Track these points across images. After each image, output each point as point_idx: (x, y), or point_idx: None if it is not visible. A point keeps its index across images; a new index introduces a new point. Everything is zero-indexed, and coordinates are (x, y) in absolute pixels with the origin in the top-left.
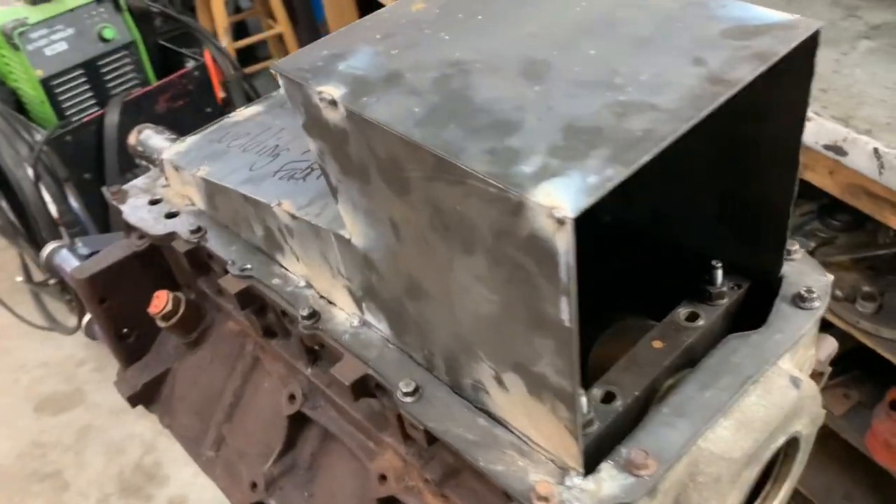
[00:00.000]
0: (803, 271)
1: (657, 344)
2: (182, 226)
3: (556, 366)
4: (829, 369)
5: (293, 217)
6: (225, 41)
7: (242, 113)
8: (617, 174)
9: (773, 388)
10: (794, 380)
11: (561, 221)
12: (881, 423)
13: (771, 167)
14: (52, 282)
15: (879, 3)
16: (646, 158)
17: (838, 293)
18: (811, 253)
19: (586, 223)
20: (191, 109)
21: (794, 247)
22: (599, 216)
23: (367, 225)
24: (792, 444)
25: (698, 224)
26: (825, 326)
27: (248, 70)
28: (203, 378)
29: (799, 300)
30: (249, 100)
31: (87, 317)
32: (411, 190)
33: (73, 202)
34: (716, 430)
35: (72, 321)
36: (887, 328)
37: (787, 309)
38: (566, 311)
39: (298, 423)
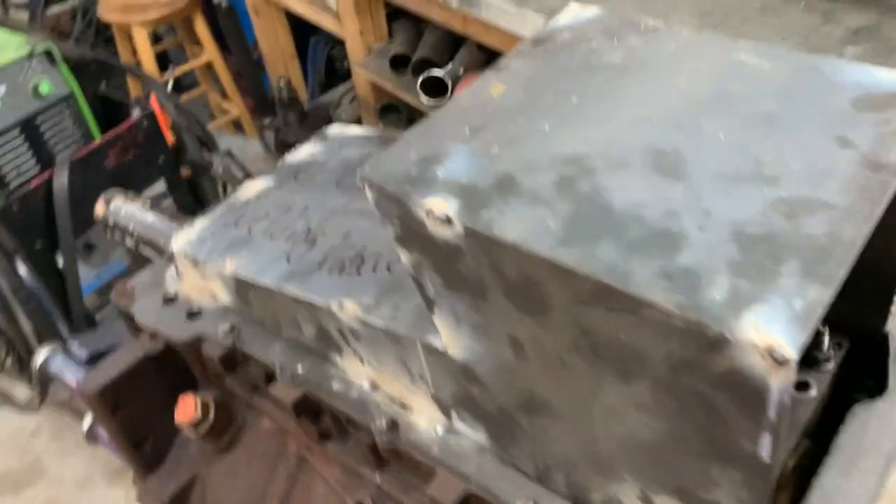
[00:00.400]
0: None
1: None
2: (210, 327)
3: (740, 496)
4: None
5: (361, 321)
6: (157, 77)
7: (249, 189)
8: (822, 295)
9: None
10: None
11: (780, 361)
12: None
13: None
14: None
15: (852, 5)
16: (844, 272)
17: None
18: None
19: None
20: (142, 162)
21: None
22: None
23: (474, 339)
24: None
25: None
26: None
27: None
28: (239, 483)
29: None
30: (200, 142)
31: (88, 420)
32: (551, 312)
33: (25, 274)
34: None
35: (24, 392)
36: None
37: None
38: (768, 447)
39: None
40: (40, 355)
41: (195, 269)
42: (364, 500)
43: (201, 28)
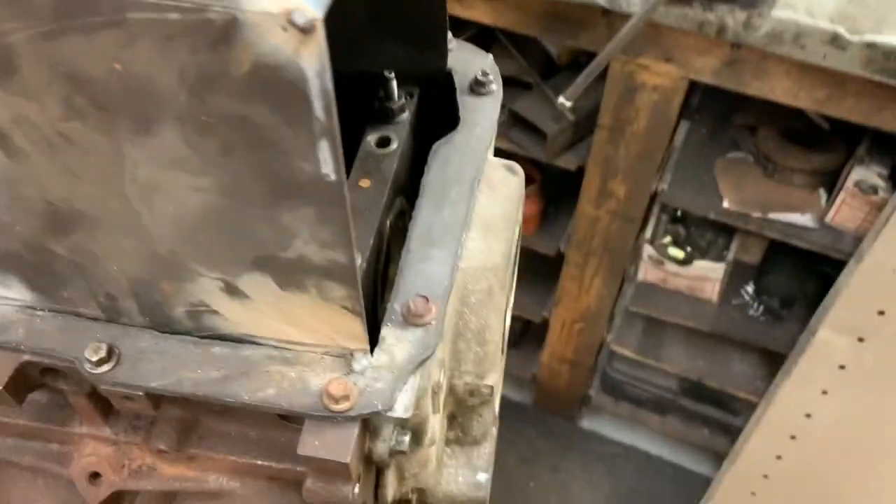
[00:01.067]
0: (465, 58)
1: (364, 183)
2: None
3: (322, 238)
4: None
5: None
6: None
7: None
8: None
9: (495, 182)
10: (509, 166)
11: (305, 29)
12: None
13: None
14: None
15: None
16: None
17: None
18: None
19: None
20: None
21: (447, 35)
22: None
23: None
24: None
25: (355, 35)
26: None
27: None
28: None
29: (477, 87)
30: None
31: None
32: (18, 66)
33: None
34: (468, 246)
35: None
36: None
37: (471, 100)
38: (330, 160)
39: None
40: None
41: None
42: None
43: None
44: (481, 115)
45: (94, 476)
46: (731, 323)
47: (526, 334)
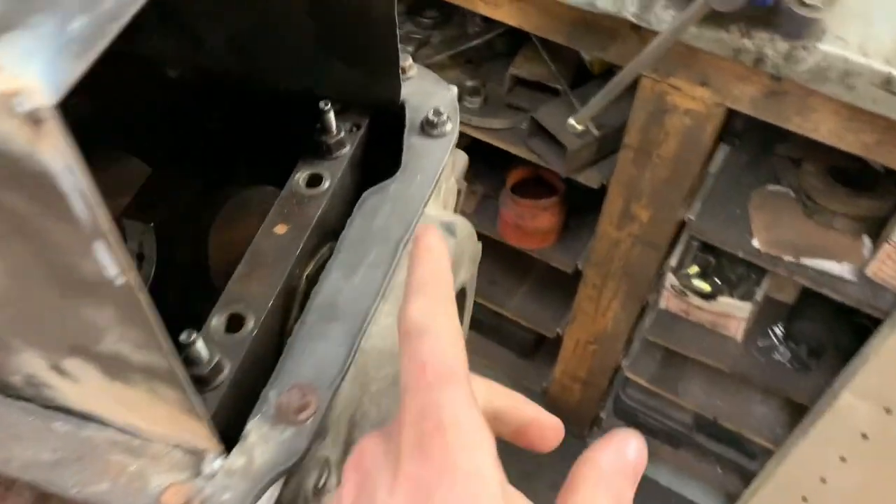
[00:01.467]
0: (425, 89)
1: (281, 228)
2: None
3: (132, 339)
4: (465, 184)
5: None
6: None
7: None
8: (120, 7)
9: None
10: (447, 225)
11: (36, 119)
12: (507, 209)
13: None
14: None
15: None
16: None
17: None
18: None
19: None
20: None
21: (408, 61)
22: (159, 68)
23: None
24: (459, 296)
25: (299, 54)
26: None
27: None
28: None
29: (429, 127)
30: None
31: None
32: None
33: None
34: (378, 322)
35: None
36: (495, 118)
37: (419, 141)
38: (111, 263)
39: None
40: None
41: None
42: None
43: None
44: (426, 161)
45: None
46: (755, 366)
47: (540, 347)
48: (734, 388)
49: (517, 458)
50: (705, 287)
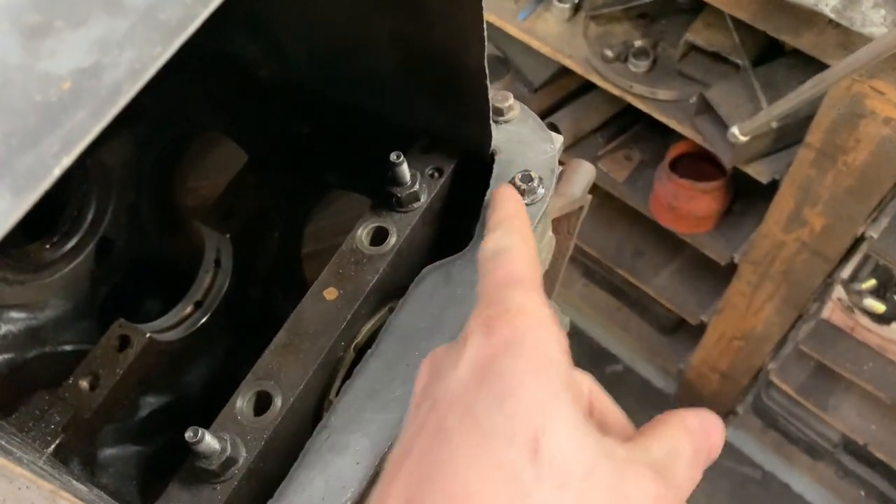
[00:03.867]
0: (523, 138)
1: (331, 293)
2: None
3: None
4: (590, 197)
5: None
6: None
7: None
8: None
9: None
10: None
11: None
12: (662, 186)
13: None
14: None
15: None
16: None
17: (608, 53)
18: (577, 6)
19: None
20: None
21: (508, 101)
22: (251, 68)
23: None
24: None
25: (381, 81)
26: (591, 89)
27: None
28: None
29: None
30: None
31: None
32: None
33: None
34: None
35: None
36: (663, 88)
37: None
38: None
39: None
40: None
41: None
42: None
43: None
44: None
45: None
46: None
47: (681, 327)
48: (893, 416)
49: None
50: (878, 307)
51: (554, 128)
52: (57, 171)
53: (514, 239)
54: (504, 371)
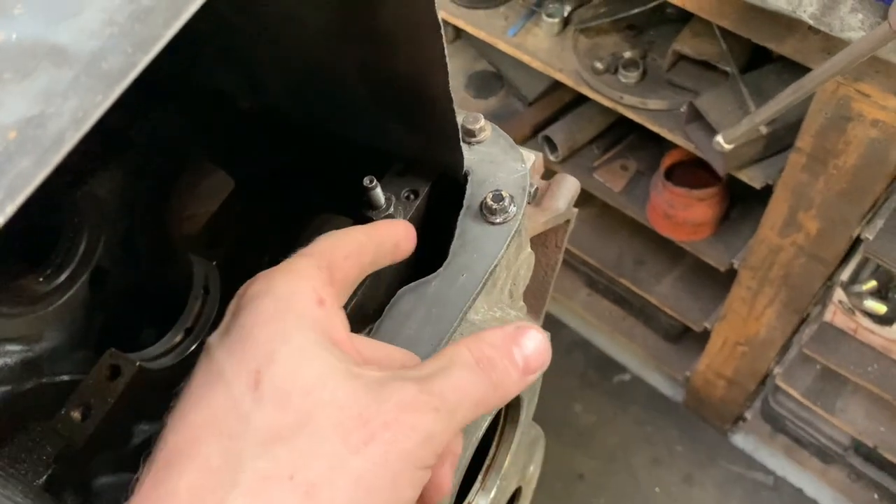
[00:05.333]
0: (494, 158)
1: None
2: None
3: None
4: (576, 211)
5: None
6: None
7: None
8: None
9: None
10: None
11: None
12: (658, 195)
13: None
14: None
15: None
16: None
17: (598, 66)
18: (566, 20)
19: None
20: None
21: (479, 123)
22: (230, 99)
23: None
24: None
25: (355, 111)
26: (585, 101)
27: None
28: None
29: (487, 213)
30: None
31: None
32: None
33: None
34: None
35: None
36: (653, 98)
37: (475, 227)
38: None
39: None
40: None
41: None
42: None
43: None
44: (477, 255)
45: None
46: None
47: (686, 334)
48: None
49: (649, 444)
50: (879, 308)
51: (549, 141)
52: (1, 220)
53: (337, 233)
54: (242, 320)
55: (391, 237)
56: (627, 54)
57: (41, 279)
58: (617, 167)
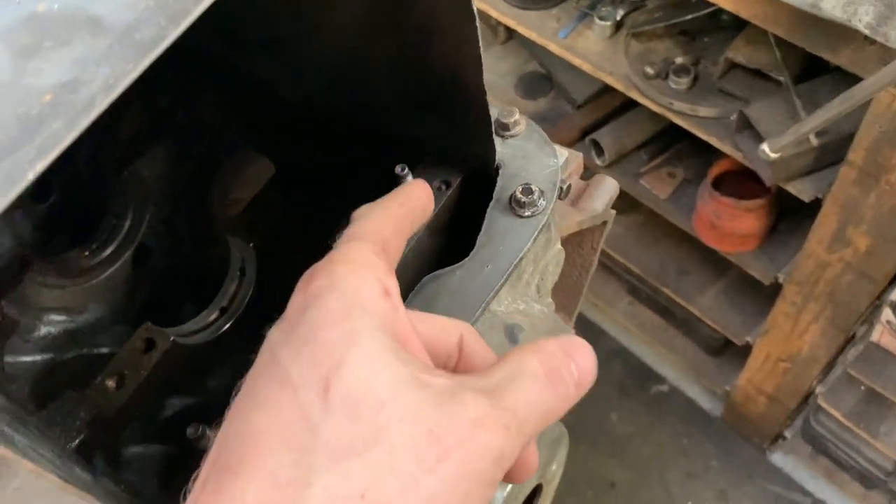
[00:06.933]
0: (527, 153)
1: None
2: None
3: None
4: (614, 213)
5: None
6: None
7: None
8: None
9: None
10: (510, 328)
11: None
12: (705, 204)
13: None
14: None
15: None
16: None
17: (649, 70)
18: (619, 23)
19: None
20: None
21: (513, 117)
22: (274, 87)
23: None
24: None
25: (389, 103)
26: (634, 106)
27: None
28: None
29: (516, 205)
30: None
31: None
32: None
33: None
34: None
35: None
36: (704, 105)
37: (502, 220)
38: None
39: None
40: None
41: None
42: None
43: None
44: (504, 247)
45: None
46: None
47: (728, 347)
48: None
49: (684, 457)
50: None
51: (596, 144)
52: (31, 176)
53: (375, 209)
54: (309, 319)
55: (420, 201)
56: (679, 60)
57: (87, 253)
58: (664, 174)
